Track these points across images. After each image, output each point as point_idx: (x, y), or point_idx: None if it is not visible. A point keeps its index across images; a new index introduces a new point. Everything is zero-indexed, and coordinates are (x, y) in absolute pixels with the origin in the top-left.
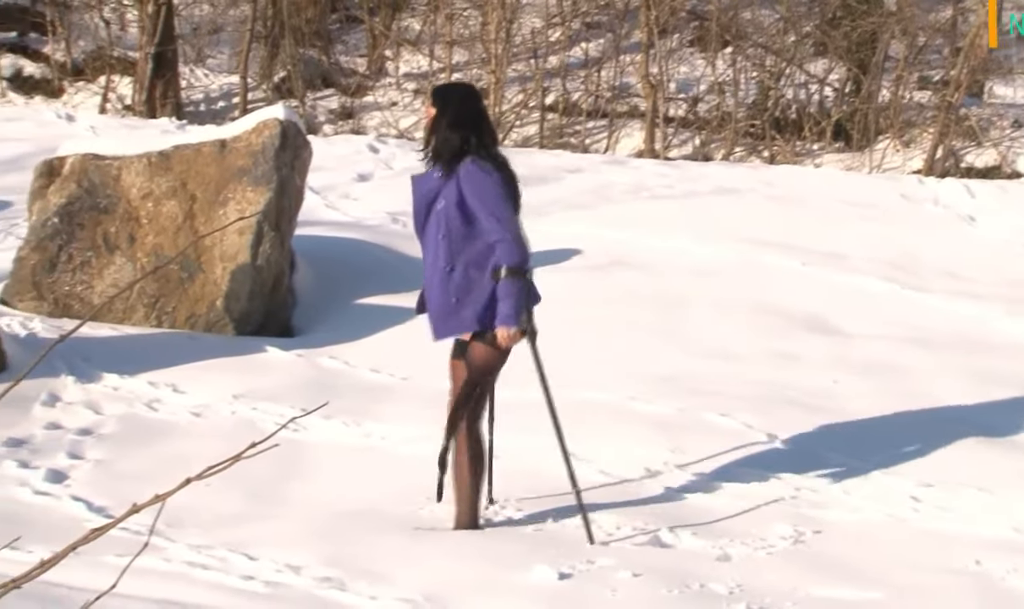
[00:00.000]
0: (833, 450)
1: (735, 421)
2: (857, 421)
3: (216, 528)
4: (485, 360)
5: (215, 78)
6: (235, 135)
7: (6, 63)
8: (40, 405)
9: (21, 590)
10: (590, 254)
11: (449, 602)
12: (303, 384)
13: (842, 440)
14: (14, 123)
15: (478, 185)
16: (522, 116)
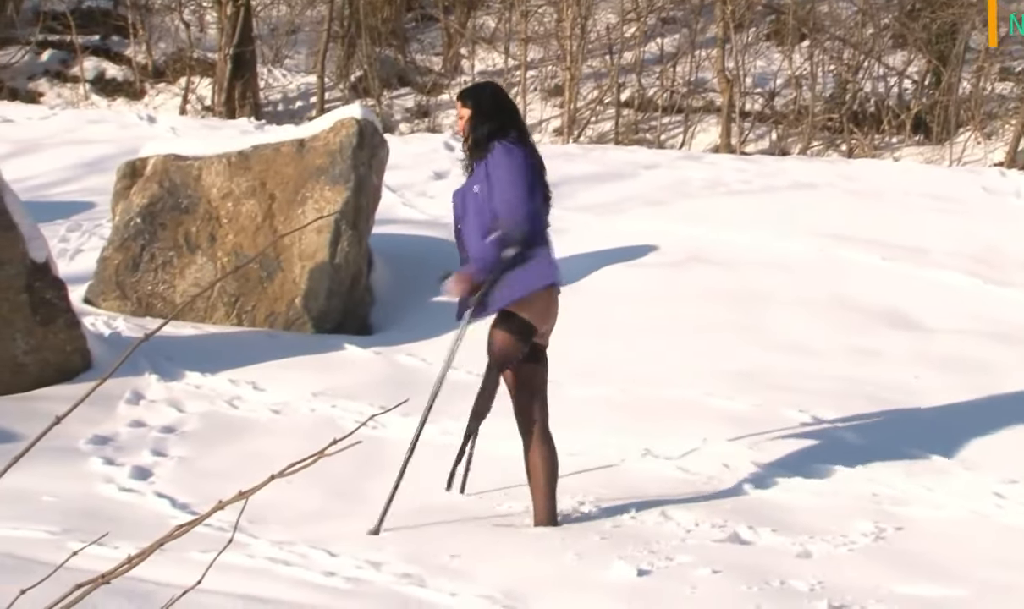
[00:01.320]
0: (914, 446)
1: (814, 417)
2: (938, 417)
3: (298, 525)
4: (502, 342)
5: (292, 78)
6: (313, 134)
7: (89, 66)
8: (125, 403)
9: (109, 585)
10: (667, 250)
11: (528, 599)
12: (381, 381)
13: (923, 436)
14: (97, 125)
15: (498, 166)
16: (597, 112)
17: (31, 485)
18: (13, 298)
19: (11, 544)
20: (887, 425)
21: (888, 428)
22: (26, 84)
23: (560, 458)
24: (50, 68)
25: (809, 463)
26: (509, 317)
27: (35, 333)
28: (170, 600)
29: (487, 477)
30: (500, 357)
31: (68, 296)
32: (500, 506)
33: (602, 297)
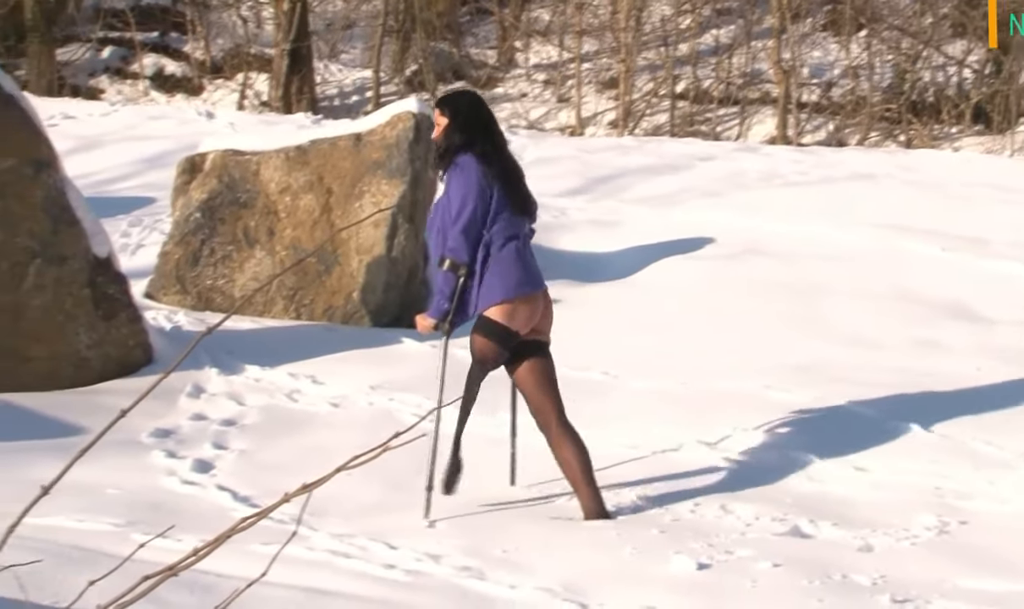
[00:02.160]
0: (977, 439)
1: (875, 410)
2: (1001, 409)
3: (357, 517)
4: (481, 347)
5: (348, 73)
6: (369, 129)
7: (148, 62)
8: (186, 397)
9: (175, 577)
10: (723, 242)
11: (588, 592)
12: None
13: (986, 429)
14: (157, 121)
15: (452, 182)
16: (652, 105)
17: (95, 478)
18: (76, 293)
19: (77, 536)
20: (949, 418)
21: (950, 421)
22: (87, 81)
23: (618, 451)
24: (110, 65)
25: (870, 456)
26: (487, 320)
27: (98, 327)
28: (234, 593)
29: (543, 470)
30: (478, 358)
31: (130, 291)
32: (557, 499)
33: (658, 290)
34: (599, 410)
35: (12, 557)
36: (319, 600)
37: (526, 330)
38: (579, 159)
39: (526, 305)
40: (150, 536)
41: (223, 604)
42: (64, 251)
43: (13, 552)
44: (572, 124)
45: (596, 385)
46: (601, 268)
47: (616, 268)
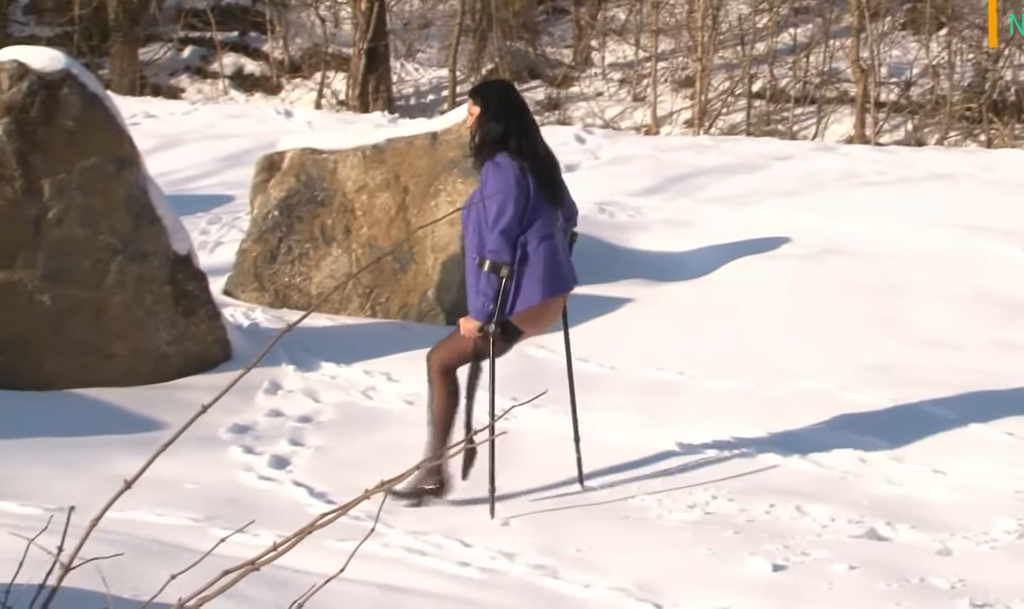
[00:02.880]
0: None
1: (953, 411)
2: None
3: (431, 515)
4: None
5: (425, 72)
6: (446, 127)
7: (228, 62)
8: (263, 393)
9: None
10: (800, 242)
11: (662, 592)
12: (512, 373)
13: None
14: (236, 120)
15: (490, 181)
16: (728, 104)
17: (175, 473)
18: (157, 290)
19: (156, 530)
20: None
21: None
22: (168, 80)
23: (693, 451)
24: (191, 64)
25: (948, 459)
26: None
27: (177, 324)
28: (312, 588)
29: (618, 469)
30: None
31: (209, 287)
32: (632, 499)
33: (734, 289)
34: (673, 410)
35: (95, 550)
36: (394, 597)
37: (533, 333)
38: (654, 158)
39: (550, 307)
40: (228, 531)
41: (302, 599)
42: (145, 248)
43: (95, 545)
44: (647, 123)
45: (671, 385)
46: (676, 268)
47: (691, 268)
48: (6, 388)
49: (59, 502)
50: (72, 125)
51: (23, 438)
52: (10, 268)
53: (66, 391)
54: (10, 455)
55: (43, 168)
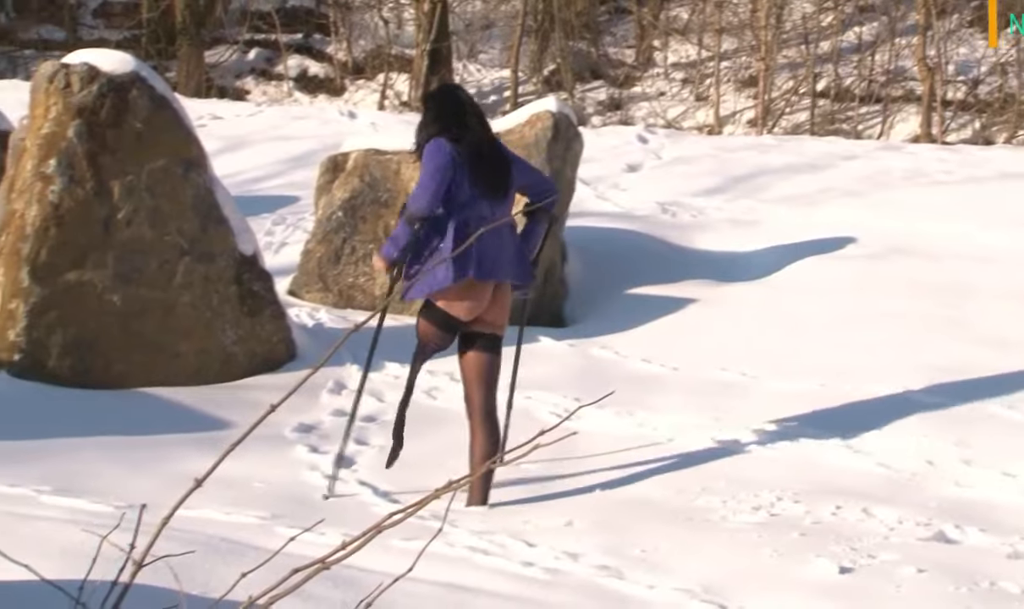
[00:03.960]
0: None
1: (1022, 413)
2: None
3: (495, 515)
4: (422, 329)
5: (487, 72)
6: (508, 128)
7: (293, 64)
8: (327, 392)
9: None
10: (866, 242)
11: (727, 593)
12: (575, 374)
13: None
14: (300, 121)
15: (425, 155)
16: (792, 103)
17: (242, 471)
18: (223, 290)
19: (224, 528)
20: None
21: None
22: (233, 82)
23: (756, 452)
24: (256, 66)
25: (1018, 461)
26: (429, 306)
27: (243, 324)
28: (379, 588)
29: (681, 470)
30: (420, 340)
31: (274, 288)
32: (696, 500)
33: (798, 290)
34: (737, 410)
35: (165, 548)
36: (459, 596)
37: (469, 318)
38: (717, 158)
39: (470, 292)
40: (294, 529)
41: (370, 598)
42: (212, 249)
43: (166, 543)
44: (710, 123)
45: (734, 385)
46: (740, 268)
47: (755, 268)
48: (77, 387)
49: (128, 500)
50: (141, 127)
51: (93, 436)
52: (81, 268)
53: (135, 390)
54: (81, 453)
55: (113, 169)
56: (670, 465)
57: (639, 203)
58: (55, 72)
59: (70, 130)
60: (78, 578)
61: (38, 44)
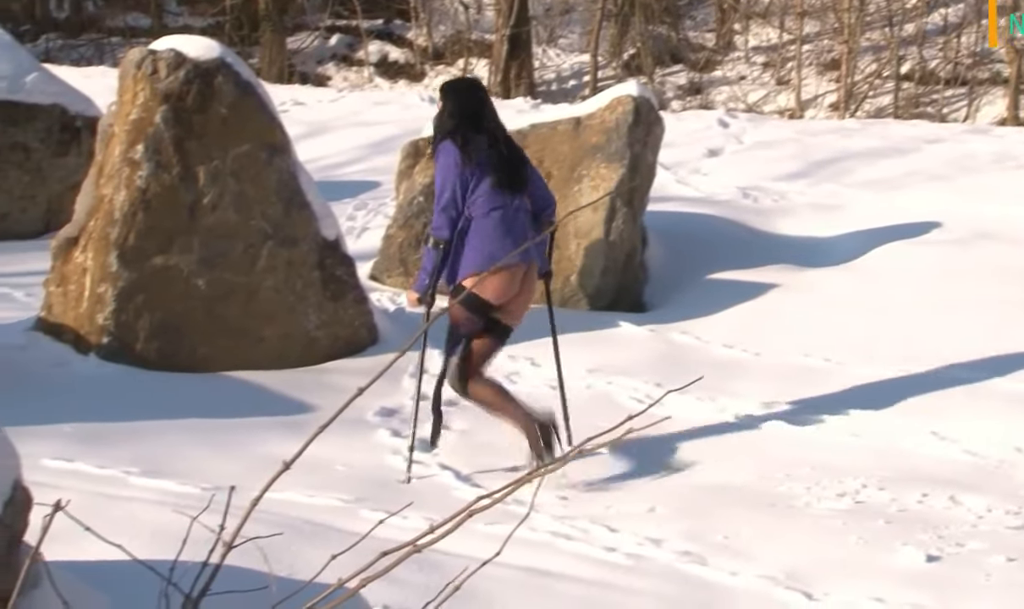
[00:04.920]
0: None
1: None
2: None
3: (576, 500)
4: (452, 314)
5: (566, 57)
6: (589, 112)
7: (373, 49)
8: (409, 377)
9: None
10: (951, 227)
11: (812, 581)
12: (656, 359)
13: None
14: (381, 107)
15: (437, 166)
16: (875, 86)
17: (325, 455)
18: (306, 275)
19: (308, 511)
20: None
21: None
22: (315, 68)
23: (840, 439)
24: (337, 52)
25: None
26: (461, 289)
27: (326, 308)
28: (467, 571)
29: (763, 456)
30: (452, 322)
31: (356, 273)
32: (779, 486)
33: (882, 275)
34: (820, 396)
35: (253, 530)
36: (541, 580)
37: (500, 301)
38: (799, 142)
39: (499, 276)
40: (377, 512)
41: (458, 581)
42: (295, 233)
43: (253, 525)
44: (791, 107)
45: (817, 371)
46: (822, 253)
47: (838, 253)
48: (163, 370)
49: (214, 482)
50: (226, 112)
51: (179, 419)
52: (167, 253)
53: (219, 373)
54: (167, 435)
55: (198, 155)
56: (752, 451)
57: (720, 188)
58: (143, 59)
59: (157, 116)
60: (167, 558)
61: (124, 31)
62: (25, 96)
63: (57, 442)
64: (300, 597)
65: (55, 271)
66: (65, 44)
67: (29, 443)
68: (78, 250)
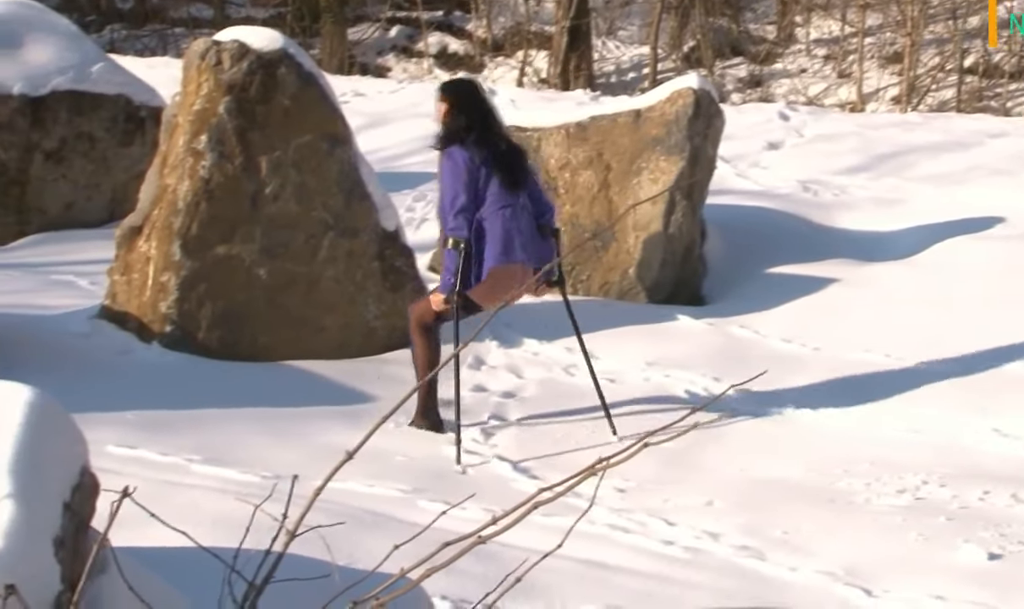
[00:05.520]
0: None
1: None
2: None
3: (634, 493)
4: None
5: (626, 49)
6: (649, 105)
7: (433, 41)
8: (467, 368)
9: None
10: (1015, 222)
11: (871, 578)
12: (713, 353)
13: None
14: None
15: (445, 171)
16: (938, 80)
17: (384, 445)
18: (366, 265)
19: (367, 500)
20: None
21: None
22: (375, 59)
23: (901, 435)
24: (397, 44)
25: None
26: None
27: (385, 299)
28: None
29: (823, 451)
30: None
31: (416, 264)
32: (838, 482)
33: (944, 270)
34: (881, 392)
35: (314, 519)
36: (599, 573)
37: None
38: (861, 136)
39: (501, 277)
40: (435, 503)
41: (519, 572)
42: (356, 224)
43: (314, 514)
44: (853, 100)
45: (877, 366)
46: (883, 247)
47: (899, 247)
48: (225, 359)
49: (275, 470)
50: (288, 103)
51: (241, 407)
52: (230, 242)
53: (280, 362)
54: (229, 424)
55: (261, 145)
56: (811, 446)
57: (780, 181)
58: (207, 49)
59: (220, 106)
60: (230, 546)
61: (188, 22)
62: (91, 86)
63: (121, 429)
64: (362, 587)
65: (119, 260)
66: (129, 34)
67: (94, 429)
68: (142, 239)
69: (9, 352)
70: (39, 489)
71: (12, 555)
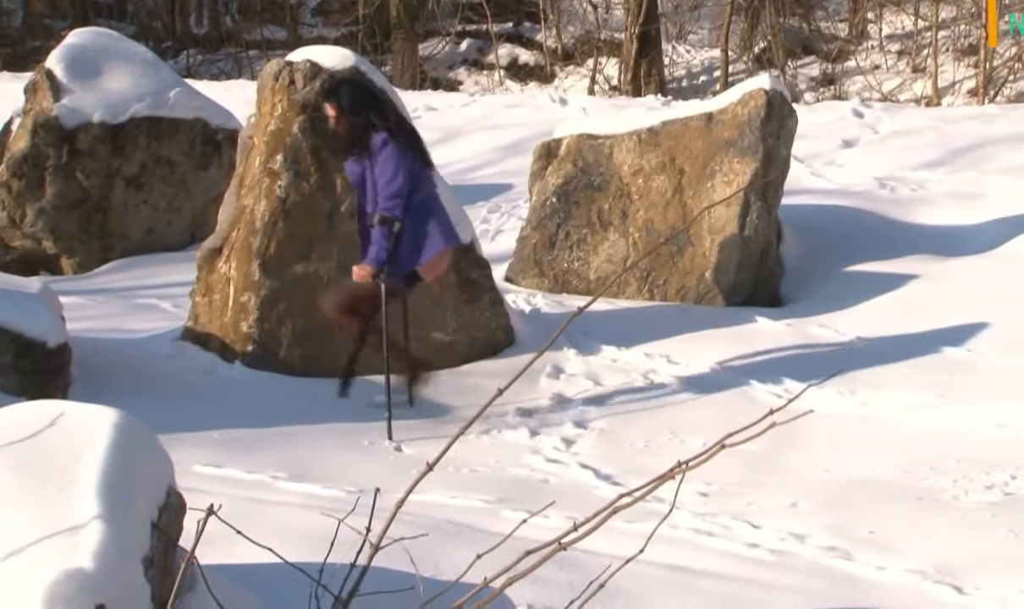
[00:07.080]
0: None
1: None
2: None
3: (717, 497)
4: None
5: (696, 53)
6: (721, 108)
7: (503, 53)
8: (545, 377)
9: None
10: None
11: (961, 575)
12: (793, 354)
13: None
14: (512, 109)
15: (382, 155)
16: (1016, 71)
17: (465, 455)
18: (443, 278)
19: (451, 511)
20: None
21: None
22: (447, 73)
23: (986, 430)
24: (467, 57)
25: None
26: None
27: (462, 311)
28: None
29: (908, 449)
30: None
31: (491, 275)
32: (925, 479)
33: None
34: (964, 388)
35: (398, 531)
36: (683, 577)
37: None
38: (937, 130)
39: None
40: (519, 512)
41: (603, 578)
42: None
43: (398, 526)
44: (928, 94)
45: (960, 362)
46: (963, 242)
47: (980, 241)
48: (306, 375)
49: (358, 484)
50: None
51: (323, 423)
52: (307, 260)
53: (359, 378)
54: (312, 440)
55: (335, 163)
56: (896, 444)
57: (856, 179)
58: (280, 70)
59: (295, 126)
60: (315, 560)
61: (261, 44)
62: (168, 111)
63: (207, 448)
64: (447, 597)
65: (200, 281)
66: (205, 59)
67: (180, 449)
68: (222, 260)
69: (97, 376)
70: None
71: (102, 575)
